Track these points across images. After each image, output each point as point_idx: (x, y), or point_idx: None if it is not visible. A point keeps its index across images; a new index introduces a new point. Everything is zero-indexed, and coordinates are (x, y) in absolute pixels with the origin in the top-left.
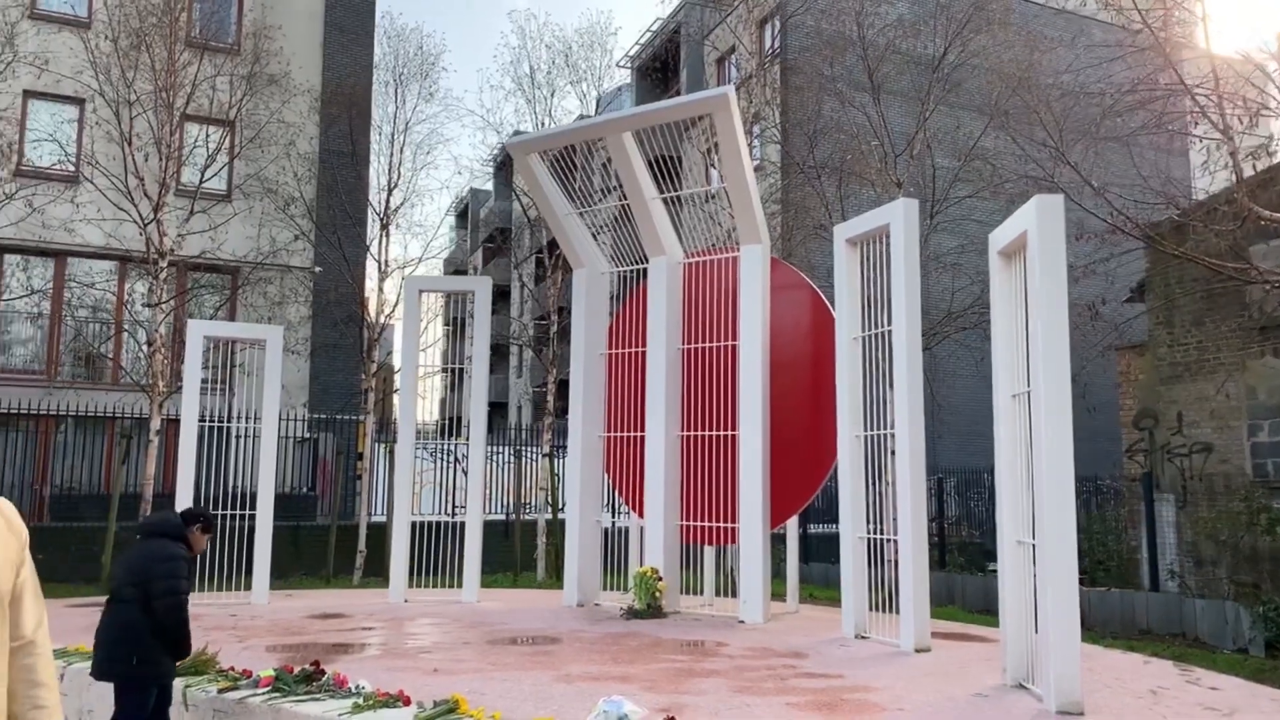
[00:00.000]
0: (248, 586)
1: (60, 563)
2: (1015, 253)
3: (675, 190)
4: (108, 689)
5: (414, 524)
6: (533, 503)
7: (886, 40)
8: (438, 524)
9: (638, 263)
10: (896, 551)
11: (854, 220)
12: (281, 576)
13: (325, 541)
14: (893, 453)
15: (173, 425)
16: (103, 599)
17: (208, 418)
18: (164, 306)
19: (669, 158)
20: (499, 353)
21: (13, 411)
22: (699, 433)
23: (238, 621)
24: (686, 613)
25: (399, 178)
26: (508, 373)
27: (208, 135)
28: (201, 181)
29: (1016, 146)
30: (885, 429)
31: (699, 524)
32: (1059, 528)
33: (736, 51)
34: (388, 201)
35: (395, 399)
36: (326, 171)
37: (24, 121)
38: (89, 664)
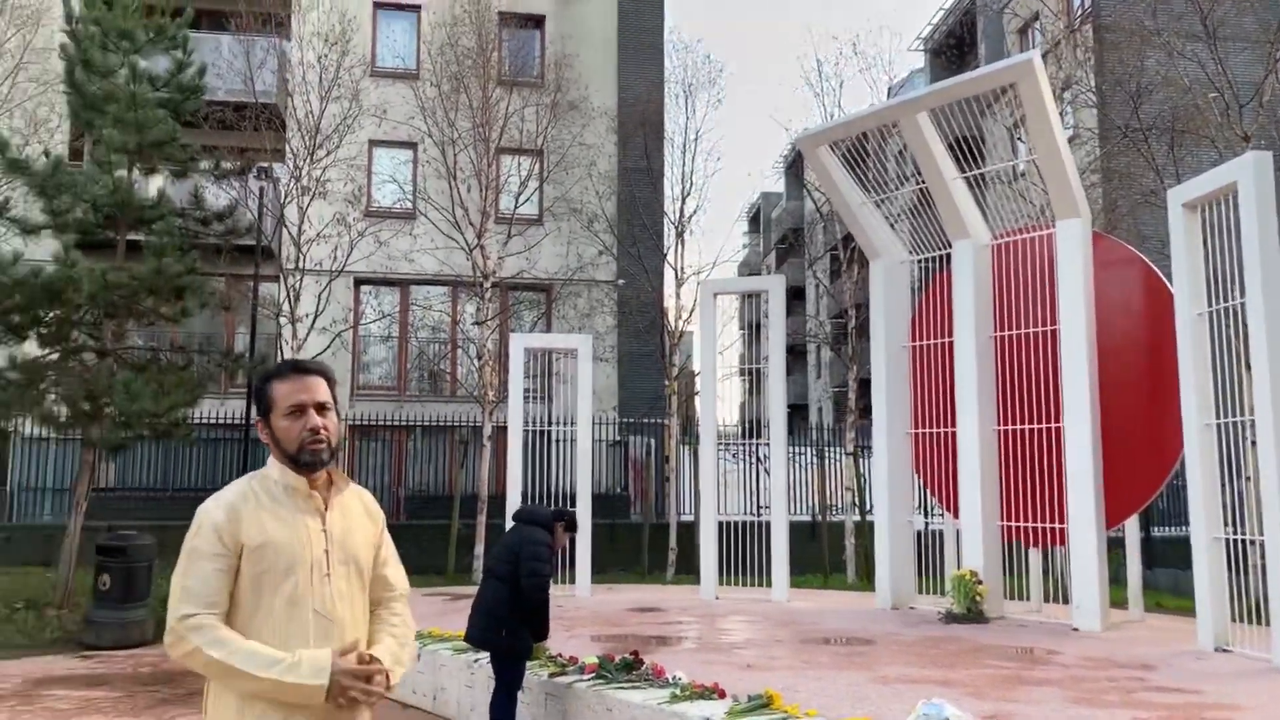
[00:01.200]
0: (571, 580)
1: (414, 556)
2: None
3: (978, 169)
4: (459, 669)
5: (721, 523)
6: (838, 504)
7: None
8: (744, 524)
9: (940, 248)
10: (1263, 554)
11: (1191, 182)
12: (600, 572)
13: (639, 539)
14: (1253, 443)
15: (501, 431)
16: (450, 589)
17: (530, 423)
18: (489, 324)
19: (969, 138)
20: (796, 354)
21: (372, 423)
22: (1017, 426)
23: (563, 612)
24: (1011, 618)
25: (691, 186)
26: (806, 374)
27: (518, 164)
28: (516, 207)
29: None
30: (1241, 416)
31: (1022, 524)
32: None
33: (1041, 17)
34: (681, 210)
35: (697, 401)
36: (625, 187)
37: (370, 167)
38: (442, 645)
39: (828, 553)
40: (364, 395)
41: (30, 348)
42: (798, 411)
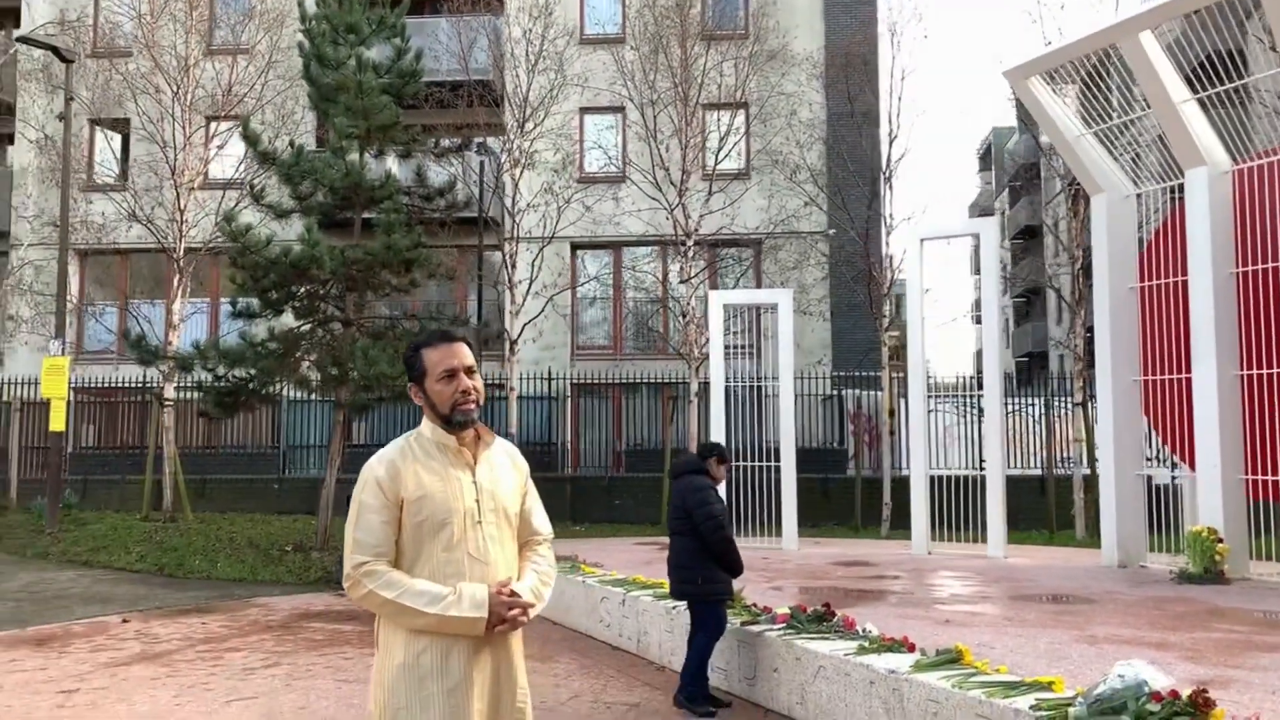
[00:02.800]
0: (778, 533)
1: (630, 508)
2: None
3: (1218, 87)
4: (659, 615)
5: (937, 478)
6: (1067, 456)
7: None
8: (963, 478)
9: (1171, 179)
10: None
11: None
12: (814, 525)
13: (853, 493)
14: None
15: (709, 388)
16: (661, 538)
17: (737, 378)
18: (692, 282)
19: (1220, 53)
20: (1034, 298)
21: (590, 382)
22: (1262, 371)
23: (768, 564)
24: (1258, 580)
25: (898, 128)
26: (1045, 319)
27: (719, 120)
28: (717, 163)
29: None
30: None
31: (1270, 478)
32: None
33: None
34: (889, 154)
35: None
36: (831, 132)
37: (581, 134)
38: (644, 592)
39: (1054, 508)
40: (582, 355)
41: (288, 320)
42: (1038, 359)
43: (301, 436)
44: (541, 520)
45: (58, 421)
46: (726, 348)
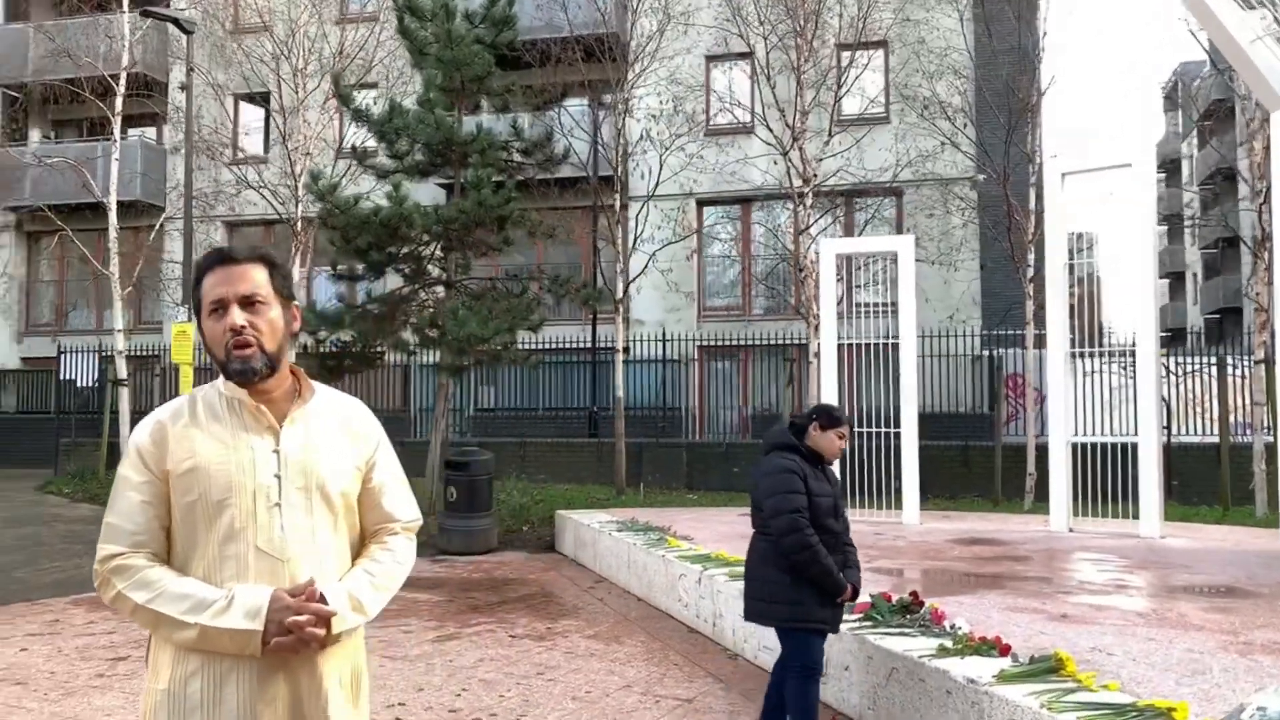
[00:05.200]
0: (897, 505)
1: (741, 476)
2: None
3: None
4: (734, 597)
5: (1081, 445)
6: (1246, 421)
7: None
8: (1122, 445)
9: None
10: None
11: None
12: (951, 497)
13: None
14: None
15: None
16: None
17: (859, 335)
18: (809, 233)
19: None
20: (1227, 249)
21: (720, 344)
22: None
23: (879, 540)
24: None
25: (1051, 63)
26: (1239, 273)
27: (852, 58)
28: (835, 101)
29: None
30: None
31: None
32: None
33: None
34: (1038, 87)
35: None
36: (979, 69)
37: (708, 84)
38: (722, 570)
39: (1230, 481)
40: (710, 316)
41: (394, 281)
42: (1229, 316)
43: (429, 400)
44: (397, 501)
45: (186, 385)
46: (859, 304)
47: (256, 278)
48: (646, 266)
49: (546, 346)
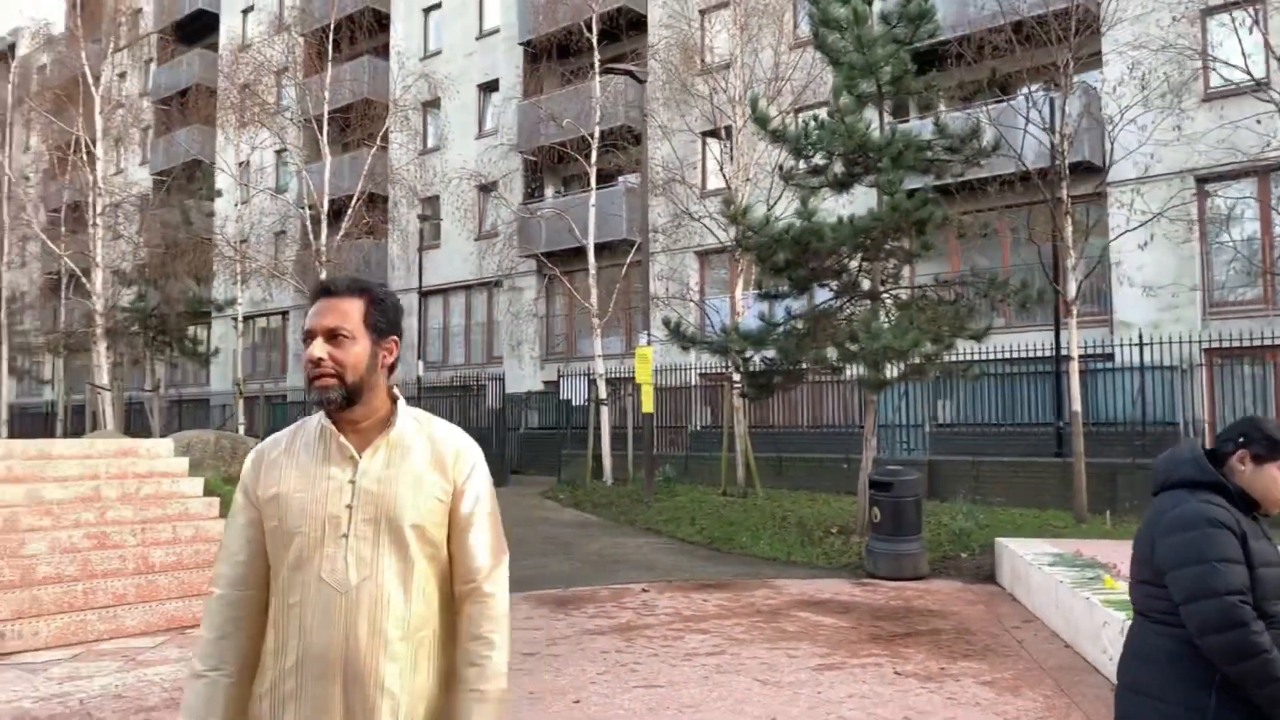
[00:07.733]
0: None
1: None
2: None
3: None
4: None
5: None
6: None
7: None
8: None
9: None
10: None
11: None
12: None
13: None
14: None
15: None
16: None
17: None
18: None
19: None
20: None
21: (1233, 345)
22: None
23: None
24: None
25: None
26: None
27: None
28: None
29: None
30: None
31: None
32: None
33: None
34: None
35: None
36: None
37: (1204, 41)
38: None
39: None
40: (1218, 314)
41: (822, 297)
42: None
43: (887, 415)
44: (481, 542)
45: (647, 404)
46: None
47: (347, 310)
48: (1120, 261)
49: (1007, 356)
